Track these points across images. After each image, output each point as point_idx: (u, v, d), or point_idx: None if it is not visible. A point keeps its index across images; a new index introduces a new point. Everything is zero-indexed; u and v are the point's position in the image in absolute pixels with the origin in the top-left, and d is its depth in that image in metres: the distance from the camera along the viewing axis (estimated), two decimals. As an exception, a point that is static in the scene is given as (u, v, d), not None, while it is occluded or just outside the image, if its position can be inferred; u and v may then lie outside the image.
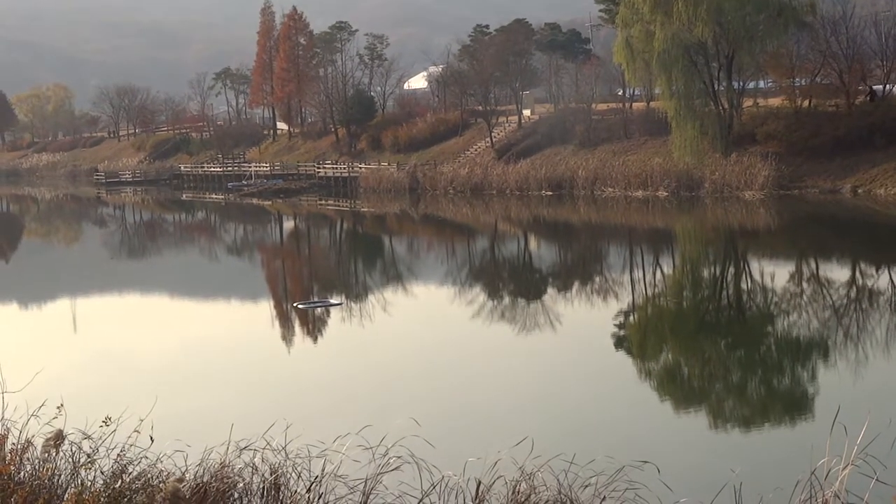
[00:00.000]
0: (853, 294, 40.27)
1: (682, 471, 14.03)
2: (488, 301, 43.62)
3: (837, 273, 46.08)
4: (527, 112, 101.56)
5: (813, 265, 48.75)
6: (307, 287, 49.97)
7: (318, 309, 40.00)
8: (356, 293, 47.18)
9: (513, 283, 49.03)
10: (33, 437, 11.15)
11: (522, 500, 11.00)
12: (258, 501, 11.37)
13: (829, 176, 71.22)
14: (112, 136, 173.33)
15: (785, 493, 10.10)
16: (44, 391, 11.77)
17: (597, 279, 49.10)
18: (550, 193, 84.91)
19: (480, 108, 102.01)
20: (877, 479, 9.76)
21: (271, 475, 11.47)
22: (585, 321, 38.32)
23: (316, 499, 11.29)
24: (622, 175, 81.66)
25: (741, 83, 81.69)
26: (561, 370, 30.17)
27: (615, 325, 37.14)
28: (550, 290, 46.83)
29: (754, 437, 22.31)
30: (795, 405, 24.72)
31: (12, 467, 10.46)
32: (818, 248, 53.67)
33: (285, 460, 11.64)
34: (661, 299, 43.64)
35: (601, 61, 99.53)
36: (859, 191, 68.64)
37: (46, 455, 10.99)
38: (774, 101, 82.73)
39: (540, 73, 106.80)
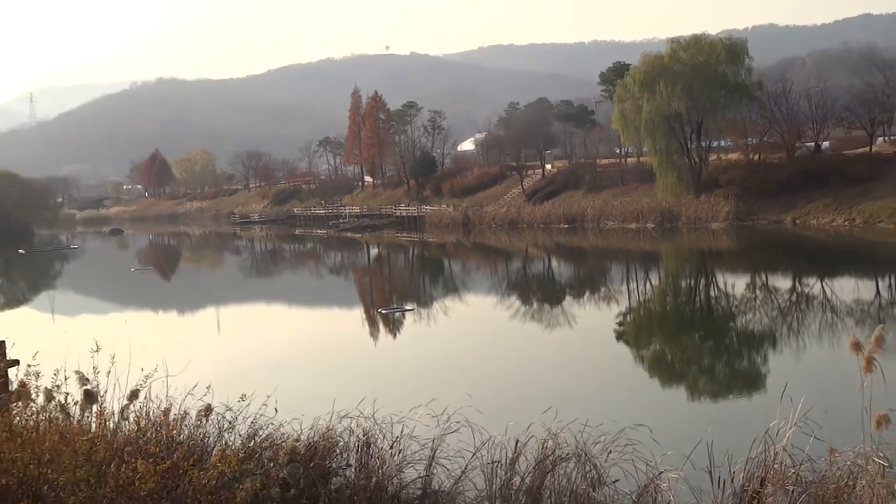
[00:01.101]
0: (794, 298, 39.95)
1: (667, 431, 13.94)
2: (521, 306, 43.57)
3: (782, 283, 45.74)
4: (548, 166, 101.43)
5: (763, 277, 48.32)
6: (388, 297, 50.06)
7: (396, 313, 40.05)
8: (424, 301, 47.23)
9: (539, 293, 48.95)
10: (189, 409, 11.21)
11: (549, 454, 10.93)
12: (354, 456, 11.35)
13: (775, 211, 70.88)
14: (244, 188, 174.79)
15: (745, 447, 9.99)
16: (196, 375, 11.84)
17: (602, 289, 48.91)
18: (566, 226, 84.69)
19: (514, 163, 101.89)
20: (814, 437, 9.66)
21: (363, 436, 11.45)
22: (594, 320, 38.19)
23: (397, 453, 11.27)
24: (620, 212, 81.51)
25: (707, 142, 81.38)
26: (577, 356, 30.11)
27: (616, 323, 37.01)
28: (567, 297, 46.69)
29: (721, 406, 22.17)
30: (752, 381, 24.53)
31: (174, 431, 10.52)
32: (767, 264, 53.21)
33: (374, 425, 11.63)
34: (650, 303, 43.42)
35: (603, 128, 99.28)
36: (797, 222, 68.27)
37: (199, 422, 11.04)
38: (733, 156, 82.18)
39: (557, 137, 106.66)
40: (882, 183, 66.79)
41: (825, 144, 79.46)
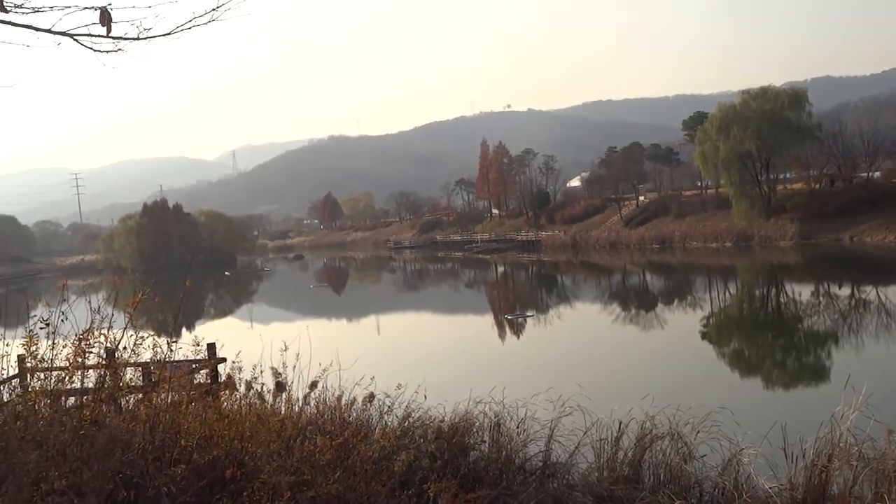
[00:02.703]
0: (853, 303, 38.37)
1: (747, 414, 13.49)
2: (621, 311, 42.93)
3: (841, 290, 44.04)
4: (641, 197, 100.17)
5: (825, 285, 46.50)
6: (512, 305, 49.97)
7: (519, 318, 39.94)
8: (541, 308, 46.97)
9: (636, 301, 48.11)
10: (356, 396, 11.36)
11: (647, 433, 10.75)
12: (487, 433, 11.34)
13: (834, 230, 68.41)
14: (397, 220, 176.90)
15: (814, 428, 9.63)
16: (362, 369, 11.97)
17: (688, 297, 47.82)
18: (657, 246, 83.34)
19: (613, 196, 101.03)
20: (874, 420, 9.27)
21: (495, 418, 11.43)
22: (682, 323, 37.36)
23: (522, 432, 11.21)
24: (702, 234, 79.96)
25: (775, 175, 79.06)
26: (669, 352, 29.51)
27: (701, 324, 36.08)
28: (659, 304, 45.79)
29: (792, 393, 21.41)
30: (819, 373, 23.66)
31: (345, 414, 10.67)
32: (828, 275, 51.27)
33: (503, 408, 11.59)
34: (729, 308, 42.24)
35: (686, 165, 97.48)
36: (854, 239, 65.77)
37: (364, 407, 11.16)
38: (797, 185, 79.95)
39: (648, 174, 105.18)
40: (927, 206, 64.33)
41: (877, 174, 76.71)
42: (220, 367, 13.33)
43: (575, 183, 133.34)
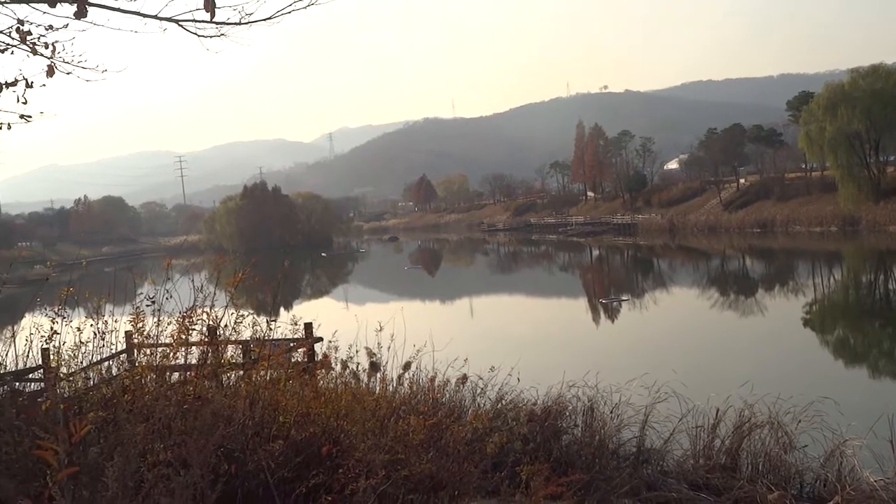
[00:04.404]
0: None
1: (852, 404, 13.04)
2: (720, 297, 42.06)
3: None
4: (742, 180, 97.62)
5: (938, 272, 44.60)
6: (607, 289, 49.41)
7: (614, 303, 39.52)
8: (637, 293, 46.36)
9: (735, 286, 46.99)
10: (449, 377, 11.42)
11: (745, 421, 10.55)
12: (580, 418, 11.28)
13: (949, 214, 65.53)
14: (491, 203, 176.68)
15: (924, 421, 9.29)
16: (455, 350, 12.02)
17: (790, 283, 46.48)
18: (758, 230, 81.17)
19: (712, 179, 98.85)
20: None
21: (588, 402, 11.37)
22: (783, 309, 36.39)
23: (615, 417, 11.13)
24: (806, 217, 77.51)
25: (885, 157, 75.88)
26: (769, 339, 28.81)
27: (803, 311, 35.05)
28: (759, 290, 44.62)
29: (900, 384, 20.65)
30: (929, 363, 22.75)
31: (438, 395, 10.74)
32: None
33: (596, 393, 11.52)
34: (834, 295, 40.90)
35: (790, 147, 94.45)
36: (971, 223, 63.02)
37: (457, 388, 11.22)
38: (908, 167, 76.73)
39: (749, 156, 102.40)
40: None
41: None
42: (317, 347, 13.58)
43: (672, 165, 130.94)
